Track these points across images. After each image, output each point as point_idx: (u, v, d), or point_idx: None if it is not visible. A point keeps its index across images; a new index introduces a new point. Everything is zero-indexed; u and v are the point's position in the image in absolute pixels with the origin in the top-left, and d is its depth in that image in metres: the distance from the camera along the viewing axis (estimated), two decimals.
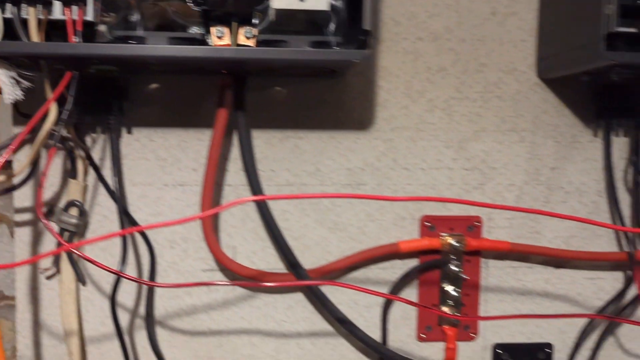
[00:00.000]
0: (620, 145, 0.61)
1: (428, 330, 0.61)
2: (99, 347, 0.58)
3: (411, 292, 0.61)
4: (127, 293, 0.58)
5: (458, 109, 0.60)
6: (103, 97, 0.53)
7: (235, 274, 0.58)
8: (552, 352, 0.62)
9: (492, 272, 0.62)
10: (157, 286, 0.57)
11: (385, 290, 0.60)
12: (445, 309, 0.61)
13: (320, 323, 0.61)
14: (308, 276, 0.57)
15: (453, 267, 0.60)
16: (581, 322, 0.62)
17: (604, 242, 0.62)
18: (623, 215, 0.61)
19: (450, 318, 0.60)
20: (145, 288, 0.58)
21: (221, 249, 0.57)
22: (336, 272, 0.60)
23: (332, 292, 0.60)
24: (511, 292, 0.62)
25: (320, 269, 0.58)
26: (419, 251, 0.60)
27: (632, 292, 0.62)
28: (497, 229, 0.61)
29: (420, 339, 0.62)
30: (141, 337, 0.58)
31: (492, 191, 0.61)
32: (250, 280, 0.58)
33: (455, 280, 0.61)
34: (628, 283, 0.61)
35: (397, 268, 0.60)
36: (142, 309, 0.58)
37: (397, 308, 0.61)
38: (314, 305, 0.60)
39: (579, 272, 0.63)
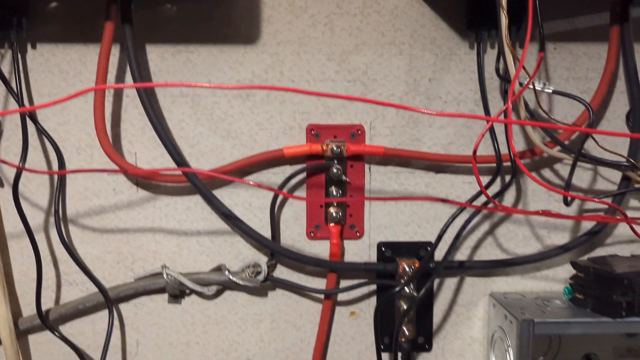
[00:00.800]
0: (494, 56, 0.65)
1: (316, 229, 0.67)
2: (19, 243, 0.66)
3: (301, 194, 0.67)
4: (41, 194, 0.65)
5: (339, 24, 0.64)
6: (2, 13, 0.59)
7: (135, 176, 0.65)
8: (433, 250, 0.67)
9: (375, 176, 0.67)
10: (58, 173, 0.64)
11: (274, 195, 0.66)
12: (331, 209, 0.67)
13: (217, 223, 0.67)
14: (198, 178, 0.62)
15: (335, 171, 0.65)
16: (460, 223, 0.67)
17: (481, 149, 0.67)
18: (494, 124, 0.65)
19: (335, 216, 0.66)
20: (56, 189, 0.64)
21: (117, 153, 0.62)
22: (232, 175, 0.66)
23: (228, 195, 0.66)
24: (394, 195, 0.68)
25: (210, 172, 0.64)
26: (305, 157, 0.66)
27: (509, 196, 0.67)
28: (379, 136, 0.66)
29: (310, 237, 0.68)
30: (55, 235, 0.65)
31: None
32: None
33: (338, 183, 0.66)
34: (503, 186, 0.66)
35: (287, 173, 0.66)
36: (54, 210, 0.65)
37: (288, 209, 0.67)
38: (211, 207, 0.66)
39: (458, 176, 0.68)
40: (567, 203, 0.61)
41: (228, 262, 0.67)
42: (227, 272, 0.65)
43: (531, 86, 0.56)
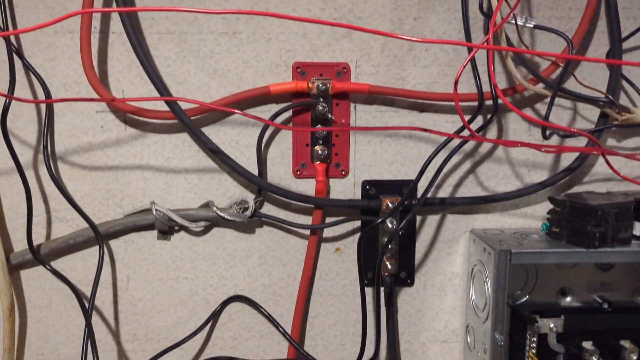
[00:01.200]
0: None
1: (303, 167, 0.69)
2: (8, 180, 0.67)
3: (287, 134, 0.68)
4: (30, 131, 0.66)
5: None
6: None
7: (124, 113, 0.65)
8: (413, 185, 0.69)
9: (361, 115, 0.68)
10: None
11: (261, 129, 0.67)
12: (317, 148, 0.68)
13: (205, 160, 0.68)
14: (185, 114, 0.63)
15: (320, 108, 0.66)
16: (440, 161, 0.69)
17: (464, 88, 0.68)
18: (477, 63, 0.66)
19: (321, 154, 0.67)
20: (44, 126, 0.65)
21: (104, 88, 0.63)
22: (215, 113, 0.67)
23: (215, 133, 0.67)
24: (379, 134, 0.69)
25: (197, 109, 0.65)
26: (292, 95, 0.67)
27: (490, 135, 0.69)
28: (365, 75, 0.67)
29: (296, 175, 0.69)
30: (44, 171, 0.66)
31: (359, 39, 0.66)
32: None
33: (324, 121, 0.67)
34: (485, 122, 0.67)
35: (274, 111, 0.67)
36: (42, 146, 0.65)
37: (274, 148, 0.69)
38: (199, 143, 0.67)
39: (442, 115, 0.69)
40: (545, 136, 0.63)
41: (216, 199, 0.69)
42: (215, 208, 0.67)
43: (512, 21, 0.57)
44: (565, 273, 0.71)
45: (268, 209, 0.70)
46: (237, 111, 0.57)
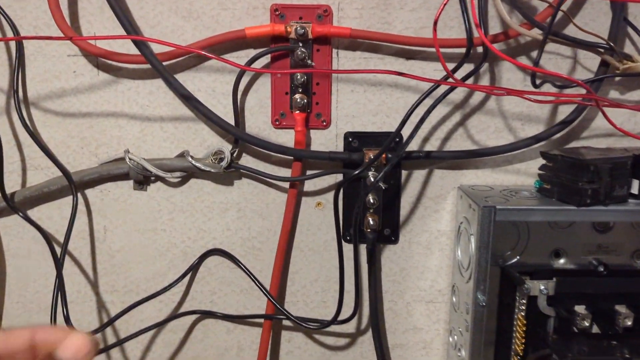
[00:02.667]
0: None
1: (282, 117, 0.66)
2: None
3: (265, 81, 0.65)
4: (1, 75, 0.64)
5: None
6: None
7: (96, 57, 0.63)
8: (401, 140, 0.66)
9: (343, 62, 0.65)
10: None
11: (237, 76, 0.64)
12: (296, 96, 0.65)
13: (181, 108, 0.66)
14: (155, 58, 0.60)
15: (300, 53, 0.63)
16: (430, 115, 0.65)
17: (455, 34, 0.64)
18: (468, 6, 0.61)
19: (300, 102, 0.64)
20: (15, 69, 0.63)
21: (74, 31, 0.61)
22: (190, 59, 0.64)
23: (190, 80, 0.65)
24: (362, 83, 0.65)
25: (170, 53, 0.62)
26: (270, 39, 0.63)
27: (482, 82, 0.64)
28: (348, 19, 0.63)
29: (275, 126, 0.66)
30: (17, 117, 0.64)
31: None
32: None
33: (303, 67, 0.64)
34: (475, 68, 0.63)
35: (251, 56, 0.64)
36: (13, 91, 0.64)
37: (252, 97, 0.66)
38: (172, 89, 0.65)
39: (430, 63, 0.65)
40: (535, 83, 0.58)
41: (192, 149, 0.66)
42: (190, 158, 0.65)
43: None
44: (560, 234, 0.67)
45: (247, 160, 0.67)
46: (207, 54, 0.54)
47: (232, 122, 0.64)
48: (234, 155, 0.65)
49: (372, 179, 0.65)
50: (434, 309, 0.72)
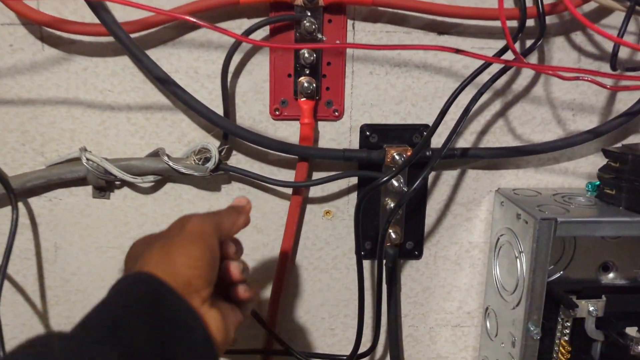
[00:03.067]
0: None
1: (283, 105, 0.52)
2: None
3: (262, 59, 0.51)
4: None
5: None
6: None
7: (39, 26, 0.48)
8: (430, 133, 0.53)
9: (361, 36, 0.52)
10: None
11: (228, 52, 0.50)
12: (302, 80, 0.51)
13: (153, 94, 0.51)
14: (120, 27, 0.46)
15: (307, 24, 0.49)
16: (465, 101, 0.53)
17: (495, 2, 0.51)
18: None
19: (308, 88, 0.51)
20: None
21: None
22: (166, 30, 0.49)
23: (166, 58, 0.50)
24: (384, 63, 0.52)
25: (139, 22, 0.48)
26: (269, 6, 0.49)
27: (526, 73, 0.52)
28: None
29: (275, 116, 0.53)
30: None
31: None
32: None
33: (312, 41, 0.50)
34: (532, 44, 0.51)
35: (245, 28, 0.50)
36: None
37: (245, 79, 0.52)
38: (144, 72, 0.50)
39: (467, 39, 0.52)
40: (614, 66, 0.47)
41: (168, 145, 0.52)
42: (166, 158, 0.50)
43: None
44: (609, 246, 0.56)
45: (237, 159, 0.54)
46: (197, 21, 0.40)
47: (220, 111, 0.51)
48: (222, 153, 0.52)
49: (396, 184, 0.52)
50: (461, 334, 0.61)
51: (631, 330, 0.54)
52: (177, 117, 0.52)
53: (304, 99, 0.51)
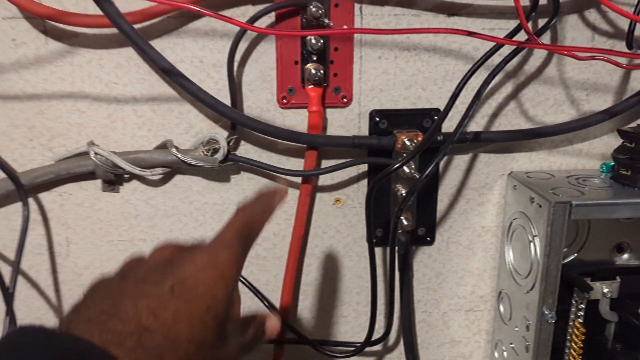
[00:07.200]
0: None
1: (290, 93, 0.52)
2: None
3: (268, 47, 0.50)
4: None
5: None
6: None
7: (42, 19, 0.47)
8: (442, 118, 0.52)
9: (369, 20, 0.50)
10: None
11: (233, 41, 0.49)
12: (309, 66, 0.50)
13: (159, 86, 0.51)
14: (124, 19, 0.45)
15: (314, 10, 0.48)
16: (477, 83, 0.52)
17: None
18: None
19: (315, 75, 0.50)
20: None
21: None
22: (170, 20, 0.49)
23: (171, 48, 0.50)
24: (393, 47, 0.51)
25: (142, 12, 0.47)
26: None
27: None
28: None
29: (282, 105, 0.52)
30: None
31: None
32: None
33: (318, 27, 0.49)
34: (545, 24, 0.50)
35: (249, 15, 0.49)
36: None
37: (252, 67, 0.51)
38: (149, 64, 0.50)
39: (477, 20, 0.51)
40: (630, 44, 0.45)
41: (176, 137, 0.52)
42: (174, 150, 0.50)
43: None
44: (624, 226, 0.56)
45: (246, 149, 0.53)
46: (201, 9, 0.39)
47: (227, 101, 0.50)
48: (231, 144, 0.51)
49: (407, 170, 0.51)
50: (474, 318, 0.60)
51: None
52: (184, 108, 0.51)
53: (312, 86, 0.51)
